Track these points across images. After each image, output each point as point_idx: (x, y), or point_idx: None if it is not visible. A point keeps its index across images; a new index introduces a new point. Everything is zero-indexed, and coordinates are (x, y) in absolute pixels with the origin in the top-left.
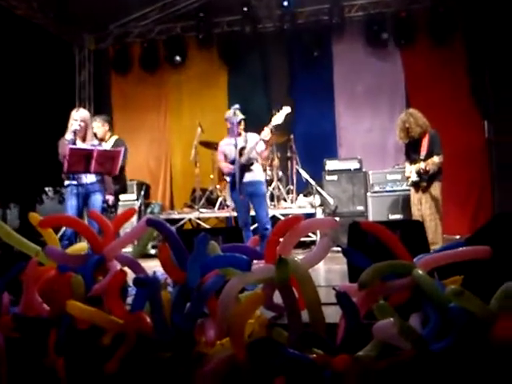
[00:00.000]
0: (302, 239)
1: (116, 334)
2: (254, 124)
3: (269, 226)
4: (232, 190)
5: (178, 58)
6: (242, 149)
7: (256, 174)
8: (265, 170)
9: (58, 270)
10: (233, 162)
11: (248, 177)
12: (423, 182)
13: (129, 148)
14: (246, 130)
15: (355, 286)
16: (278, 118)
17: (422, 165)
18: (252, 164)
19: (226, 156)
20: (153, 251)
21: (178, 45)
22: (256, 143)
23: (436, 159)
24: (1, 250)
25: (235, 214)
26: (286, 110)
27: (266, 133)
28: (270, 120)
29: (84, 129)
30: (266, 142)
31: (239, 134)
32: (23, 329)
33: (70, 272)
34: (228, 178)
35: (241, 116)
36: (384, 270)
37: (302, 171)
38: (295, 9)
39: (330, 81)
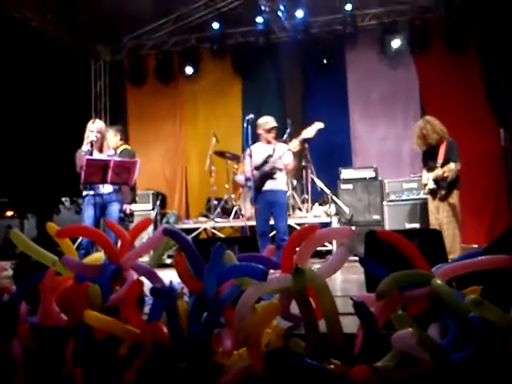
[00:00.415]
0: (318, 249)
1: (133, 343)
2: None
3: (286, 238)
4: (255, 196)
5: (190, 68)
6: (269, 157)
7: (278, 184)
8: None
9: (75, 280)
10: (257, 169)
11: (269, 185)
12: (442, 189)
13: (144, 158)
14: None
15: (373, 295)
16: (309, 131)
17: (439, 171)
18: (275, 173)
19: (252, 163)
20: (168, 261)
21: (193, 56)
22: (283, 153)
23: (453, 166)
24: (18, 260)
25: (250, 223)
26: (319, 125)
27: (295, 144)
28: (300, 132)
29: (100, 140)
30: (293, 153)
31: (268, 142)
32: (41, 338)
33: (87, 282)
34: (249, 183)
35: (272, 124)
36: (402, 280)
37: (316, 180)
38: (308, 19)
39: (344, 89)
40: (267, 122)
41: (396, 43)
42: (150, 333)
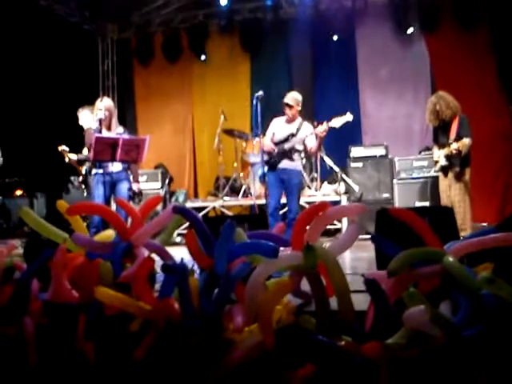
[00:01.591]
0: (327, 227)
1: (144, 320)
2: (277, 110)
3: (297, 217)
4: (268, 172)
5: (203, 57)
6: (291, 135)
7: (295, 164)
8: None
9: (85, 257)
10: (277, 144)
11: (285, 163)
12: (454, 167)
13: (151, 136)
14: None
15: (384, 273)
16: (337, 121)
17: (454, 145)
18: (293, 154)
19: (273, 134)
20: (178, 239)
21: (200, 33)
22: (306, 135)
23: (467, 141)
24: (28, 238)
25: (259, 201)
26: (348, 117)
27: (322, 129)
28: (330, 119)
29: (109, 118)
30: (317, 137)
31: (292, 120)
32: (53, 315)
33: (98, 259)
34: (265, 157)
35: (286, 100)
36: (414, 257)
37: (326, 158)
38: None
39: (354, 66)
40: (286, 96)
41: (406, 20)
42: (161, 309)
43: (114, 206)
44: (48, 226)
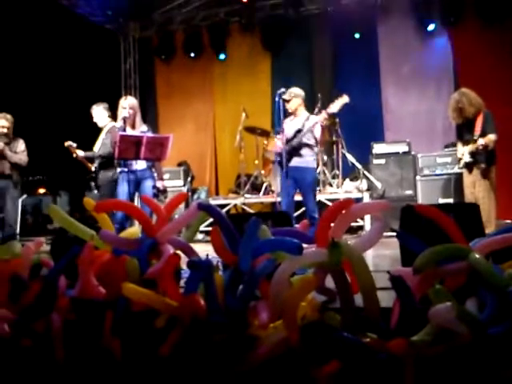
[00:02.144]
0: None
1: (170, 316)
2: None
3: (316, 215)
4: (281, 171)
5: (222, 56)
6: (298, 131)
7: (305, 160)
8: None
9: (112, 254)
10: (287, 143)
11: (295, 161)
12: (480, 163)
13: (173, 134)
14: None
15: (409, 270)
16: (334, 106)
17: (481, 141)
18: (300, 148)
19: (283, 137)
20: (200, 236)
21: (222, 31)
22: (312, 126)
23: (492, 137)
24: (55, 235)
25: (280, 199)
26: (344, 99)
27: (322, 117)
28: (326, 105)
29: (133, 116)
30: (322, 126)
31: (294, 115)
32: (80, 311)
33: (124, 255)
34: (278, 158)
35: (284, 96)
36: (439, 254)
37: (348, 155)
38: None
39: (376, 63)
40: (288, 92)
41: (429, 15)
42: (187, 305)
43: (138, 204)
44: (75, 223)
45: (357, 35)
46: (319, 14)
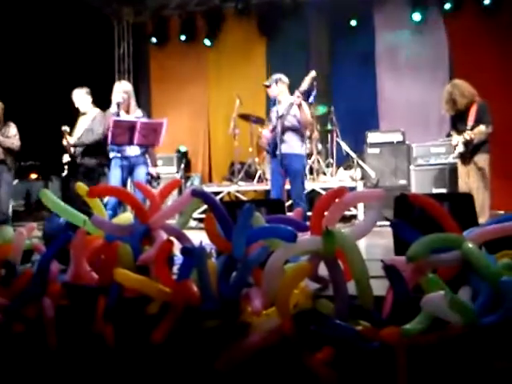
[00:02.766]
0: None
1: (163, 303)
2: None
3: (301, 203)
4: (271, 159)
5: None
6: (281, 117)
7: (290, 146)
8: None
9: (105, 240)
10: (272, 131)
11: (283, 148)
12: (474, 153)
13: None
14: None
15: (402, 259)
16: (304, 83)
17: (469, 134)
18: (284, 133)
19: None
20: (193, 223)
21: (217, 16)
22: (289, 108)
23: (483, 128)
24: (46, 221)
25: None
26: (311, 73)
27: (295, 96)
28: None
29: (127, 101)
30: (299, 106)
31: (279, 101)
32: (72, 296)
33: (117, 241)
34: (267, 147)
35: (265, 82)
36: (433, 243)
37: (342, 143)
38: None
39: (372, 50)
40: (275, 79)
41: (425, 3)
42: (180, 291)
43: (131, 190)
44: (67, 209)
45: (353, 22)
46: (316, 0)
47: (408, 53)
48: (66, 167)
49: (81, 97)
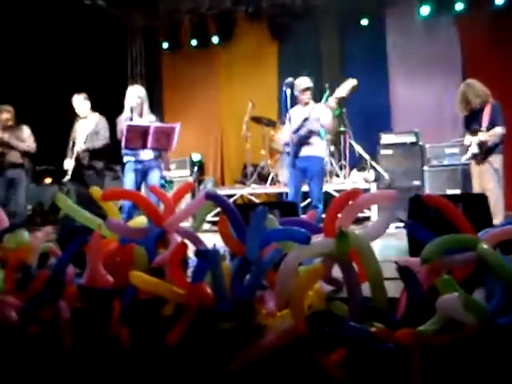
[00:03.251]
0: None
1: (178, 305)
2: None
3: (320, 206)
4: (290, 161)
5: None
6: (305, 120)
7: (315, 149)
8: None
9: (120, 243)
10: (294, 133)
11: (305, 151)
12: (487, 154)
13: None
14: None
15: (417, 260)
16: (342, 90)
17: (484, 136)
18: (310, 137)
19: (290, 127)
20: (206, 226)
21: (228, 19)
22: (319, 114)
23: (499, 130)
24: (62, 225)
25: (287, 189)
26: (351, 82)
27: (331, 103)
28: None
29: (140, 105)
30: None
31: (306, 104)
32: (88, 299)
33: (132, 244)
34: (287, 149)
35: (306, 84)
36: (448, 244)
37: (355, 145)
38: None
39: (384, 52)
40: (301, 82)
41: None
42: (194, 293)
43: (144, 194)
44: (83, 212)
45: (364, 21)
46: (327, 2)
47: (420, 53)
48: (69, 172)
49: (80, 102)
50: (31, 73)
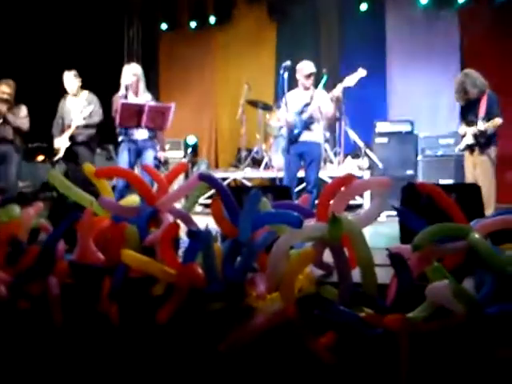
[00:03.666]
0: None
1: (168, 284)
2: None
3: (315, 191)
4: (289, 145)
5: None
6: (306, 105)
7: (314, 135)
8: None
9: (112, 221)
10: (295, 117)
11: (305, 136)
12: (482, 145)
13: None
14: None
15: (408, 247)
16: (351, 79)
17: (480, 126)
18: (312, 123)
19: (288, 111)
20: (198, 209)
21: (227, 2)
22: (322, 101)
23: (499, 121)
24: (54, 201)
25: (281, 174)
26: (361, 72)
27: (337, 91)
28: (341, 80)
29: (136, 83)
30: (333, 100)
31: (306, 89)
32: (78, 275)
33: (123, 222)
34: (282, 132)
35: (311, 69)
36: (439, 232)
37: (350, 132)
38: None
39: (382, 38)
40: (306, 66)
41: None
42: (185, 273)
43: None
44: (75, 190)
45: (363, 6)
46: None
47: (419, 41)
48: (62, 151)
49: (70, 79)
50: (26, 49)
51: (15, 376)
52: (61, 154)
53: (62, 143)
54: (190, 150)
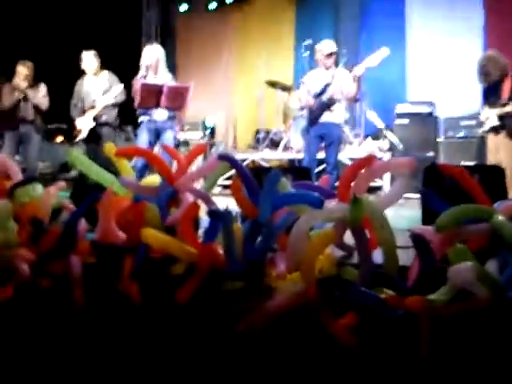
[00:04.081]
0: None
1: (189, 264)
2: None
3: (334, 172)
4: (309, 126)
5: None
6: (327, 85)
7: (335, 116)
8: None
9: (132, 200)
10: (315, 98)
11: (325, 117)
12: (507, 127)
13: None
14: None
15: (430, 229)
16: (374, 59)
17: (507, 108)
18: (333, 104)
19: (308, 91)
20: (217, 190)
21: None
22: (344, 81)
23: None
24: (75, 181)
25: (299, 156)
26: (384, 51)
27: (360, 70)
28: (361, 60)
29: (155, 64)
30: (355, 79)
31: (327, 68)
32: (100, 254)
33: (144, 202)
34: (302, 112)
35: (333, 48)
36: (463, 214)
37: (370, 114)
38: None
39: (402, 18)
40: (327, 45)
41: None
42: (206, 253)
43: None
44: (97, 169)
45: None
46: None
47: (441, 19)
48: (84, 131)
49: (90, 59)
50: (45, 30)
51: (36, 354)
52: (84, 135)
53: (85, 124)
54: (208, 131)
